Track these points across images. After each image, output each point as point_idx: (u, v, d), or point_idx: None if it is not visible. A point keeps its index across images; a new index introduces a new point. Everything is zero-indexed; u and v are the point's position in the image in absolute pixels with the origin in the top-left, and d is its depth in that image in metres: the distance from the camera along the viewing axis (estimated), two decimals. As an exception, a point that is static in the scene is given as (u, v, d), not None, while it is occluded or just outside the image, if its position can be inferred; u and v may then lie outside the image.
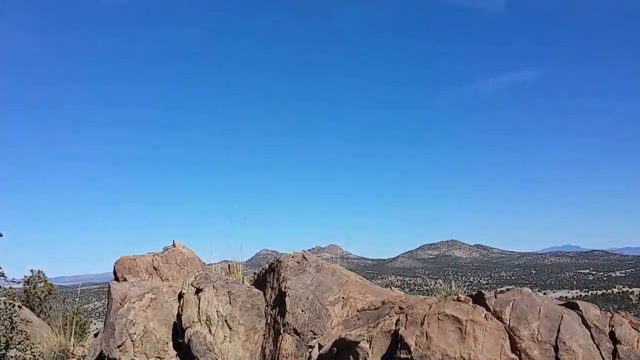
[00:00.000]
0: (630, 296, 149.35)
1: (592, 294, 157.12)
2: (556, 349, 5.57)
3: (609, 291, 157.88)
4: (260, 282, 10.49)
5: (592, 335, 5.69)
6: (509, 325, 5.88)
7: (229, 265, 11.44)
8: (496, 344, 5.82)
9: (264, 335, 9.66)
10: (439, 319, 6.24)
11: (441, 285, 7.15)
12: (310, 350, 7.96)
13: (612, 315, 5.84)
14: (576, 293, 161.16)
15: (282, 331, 8.98)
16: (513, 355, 5.71)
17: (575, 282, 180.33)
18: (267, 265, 10.49)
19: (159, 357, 10.06)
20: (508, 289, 6.27)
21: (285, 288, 9.24)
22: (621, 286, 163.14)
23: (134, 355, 9.95)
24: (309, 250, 11.01)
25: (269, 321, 9.64)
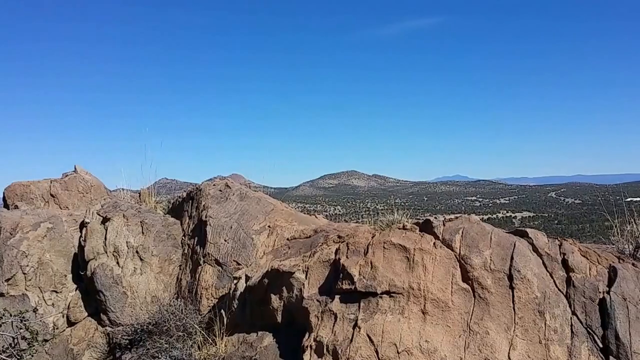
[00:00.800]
0: (513, 220, 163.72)
1: (479, 218, 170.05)
2: (510, 277, 5.14)
3: (494, 216, 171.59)
4: (176, 211, 9.36)
5: (544, 264, 5.33)
6: (460, 253, 5.37)
7: (139, 193, 10.13)
8: (447, 273, 5.30)
9: (180, 266, 8.66)
10: (384, 247, 5.60)
11: (381, 214, 6.52)
12: (235, 281, 7.10)
13: (561, 243, 5.51)
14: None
15: (202, 262, 8.03)
16: (465, 285, 5.23)
17: (463, 208, 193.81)
18: (184, 194, 9.35)
19: (56, 291, 8.74)
20: (457, 217, 5.74)
21: (206, 217, 8.21)
22: (505, 211, 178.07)
23: (26, 289, 8.56)
24: (209, 180, 9.99)
25: (186, 251, 8.62)
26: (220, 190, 8.78)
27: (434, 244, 5.50)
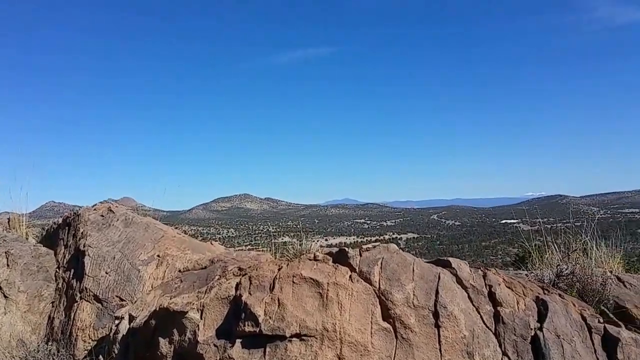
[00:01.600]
0: (399, 241, 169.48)
1: (367, 239, 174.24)
2: (436, 314, 4.40)
3: (382, 237, 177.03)
4: (51, 240, 7.77)
5: (470, 297, 4.66)
6: (380, 288, 4.56)
7: (8, 219, 8.39)
8: (366, 311, 4.46)
9: (53, 303, 7.09)
10: (294, 282, 4.66)
11: (287, 240, 5.60)
12: (117, 322, 5.78)
13: (485, 273, 4.90)
14: (353, 239, 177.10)
15: (78, 298, 6.57)
16: (386, 324, 4.41)
17: (352, 230, 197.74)
18: (60, 219, 7.80)
19: None
20: (374, 246, 4.95)
21: (84, 246, 6.78)
22: (392, 233, 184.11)
23: None
24: (100, 203, 8.58)
25: (60, 286, 7.08)
26: (102, 216, 7.38)
27: (350, 277, 4.66)
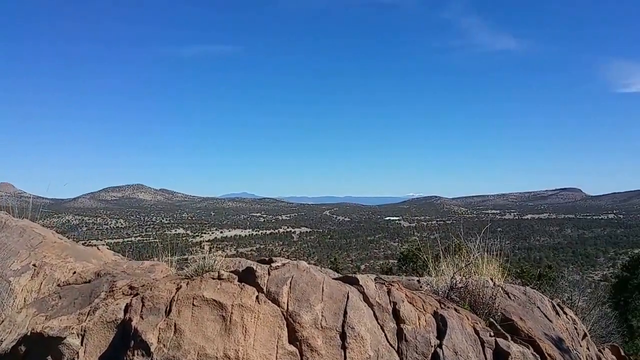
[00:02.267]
0: (293, 235, 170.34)
1: (262, 233, 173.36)
2: (343, 336, 4.11)
3: (276, 231, 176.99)
4: None
5: (375, 315, 4.43)
6: (288, 309, 4.17)
7: None
8: (272, 334, 4.04)
9: None
10: (194, 305, 4.11)
11: (167, 228, 5.00)
12: (-23, 348, 4.78)
13: (389, 289, 4.71)
14: (249, 232, 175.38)
15: None
16: (292, 347, 4.03)
17: (248, 223, 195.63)
18: None
19: None
20: (284, 264, 4.54)
21: (-63, 255, 5.61)
22: (286, 227, 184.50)
23: None
24: None
25: None
26: (-34, 218, 6.19)
27: (257, 298, 4.21)
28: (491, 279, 6.12)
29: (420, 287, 6.09)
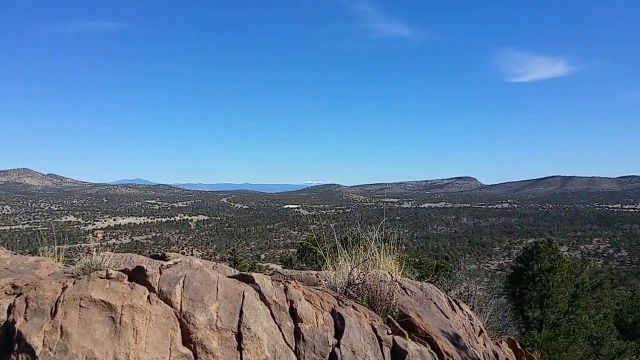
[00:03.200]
0: (190, 223, 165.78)
1: (157, 220, 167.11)
2: (239, 336, 4.27)
3: (172, 219, 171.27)
4: None
5: (272, 314, 4.63)
6: (181, 310, 4.24)
7: None
8: (165, 336, 4.10)
9: None
10: (81, 306, 4.04)
11: (57, 215, 4.86)
12: None
13: (286, 287, 4.94)
14: (144, 220, 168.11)
15: None
16: (186, 350, 4.12)
17: (143, 211, 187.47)
18: None
19: None
20: (176, 262, 4.58)
21: None
22: (182, 215, 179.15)
23: None
24: None
25: None
26: None
27: (149, 298, 4.23)
28: (389, 273, 6.56)
29: (319, 282, 6.41)
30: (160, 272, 4.44)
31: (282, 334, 4.54)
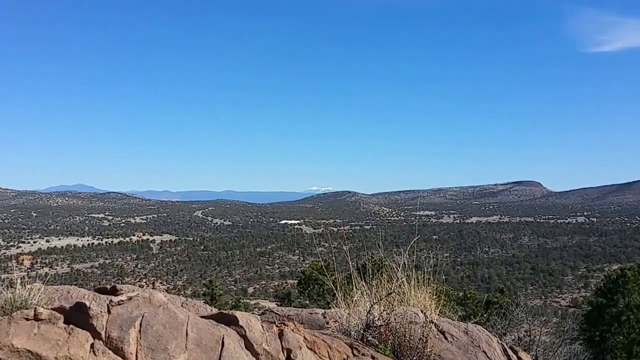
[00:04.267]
0: (151, 245, 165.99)
1: (107, 242, 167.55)
2: (217, 399, 4.23)
3: (127, 239, 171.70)
4: None
5: (263, 368, 4.60)
6: (137, 362, 4.20)
7: None
8: (114, 400, 4.06)
9: None
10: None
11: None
12: None
13: (281, 330, 4.89)
14: (88, 241, 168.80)
15: None
16: (143, 418, 4.08)
17: (87, 228, 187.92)
18: None
19: None
20: (130, 297, 4.54)
21: None
22: (141, 234, 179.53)
23: None
24: None
25: None
26: None
27: (92, 347, 4.19)
28: (422, 312, 6.50)
29: (327, 324, 6.37)
30: (109, 312, 4.40)
31: (276, 396, 4.49)
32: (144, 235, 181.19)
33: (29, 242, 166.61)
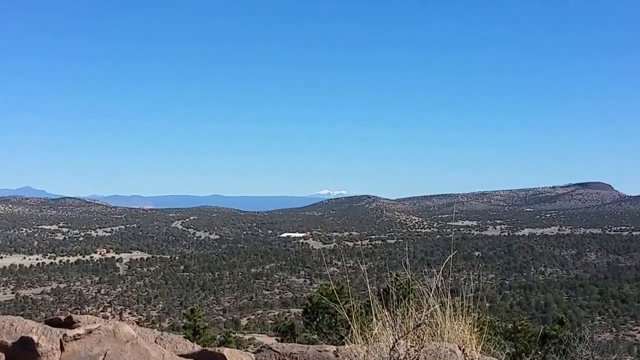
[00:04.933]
0: (118, 264, 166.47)
1: (61, 261, 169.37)
2: None
3: (87, 257, 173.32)
4: None
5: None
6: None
7: None
8: None
9: None
10: None
11: None
12: None
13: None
14: (37, 259, 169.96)
15: None
16: None
17: (36, 243, 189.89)
18: None
19: None
20: (90, 330, 4.54)
21: None
22: (105, 250, 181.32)
23: None
24: None
25: None
26: None
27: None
28: (460, 348, 6.48)
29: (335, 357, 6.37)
30: (62, 349, 4.41)
31: None
32: (108, 252, 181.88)
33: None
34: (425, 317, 6.24)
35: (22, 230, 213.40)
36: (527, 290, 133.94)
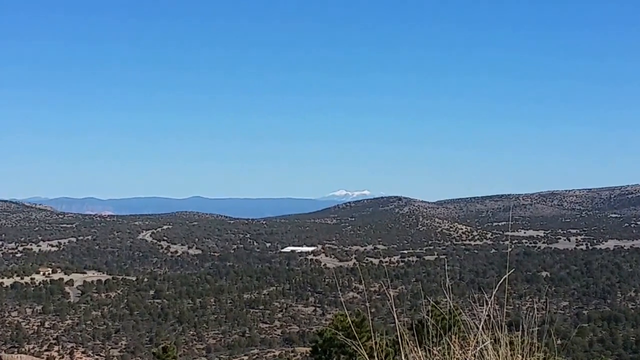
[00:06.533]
0: (68, 289, 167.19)
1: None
2: None
3: (27, 279, 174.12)
4: None
5: None
6: None
7: None
8: None
9: None
10: None
11: None
12: None
13: None
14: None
15: None
16: None
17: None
18: None
19: None
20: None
21: None
22: (51, 269, 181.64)
23: None
24: None
25: None
26: None
27: None
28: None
29: None
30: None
31: None
32: (54, 272, 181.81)
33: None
34: (473, 358, 6.24)
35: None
36: (612, 323, 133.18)
